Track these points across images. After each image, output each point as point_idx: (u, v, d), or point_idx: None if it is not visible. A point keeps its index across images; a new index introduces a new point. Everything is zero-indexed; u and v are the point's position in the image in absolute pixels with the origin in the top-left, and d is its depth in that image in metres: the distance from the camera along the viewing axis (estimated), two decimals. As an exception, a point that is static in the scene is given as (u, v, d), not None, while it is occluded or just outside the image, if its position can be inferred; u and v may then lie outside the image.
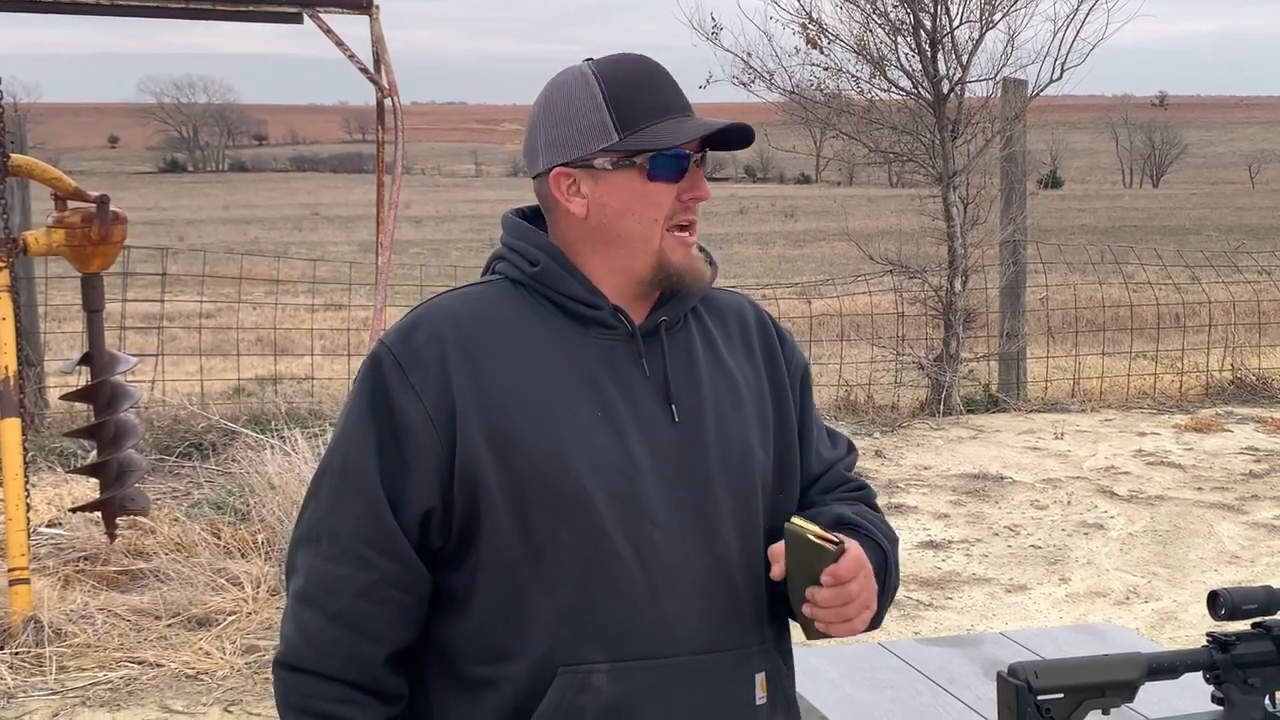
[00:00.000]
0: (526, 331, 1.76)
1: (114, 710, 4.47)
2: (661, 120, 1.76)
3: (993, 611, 5.53)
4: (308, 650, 1.71)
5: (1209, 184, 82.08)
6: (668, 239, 1.78)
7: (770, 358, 1.93)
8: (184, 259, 10.46)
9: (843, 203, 33.03)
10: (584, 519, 1.70)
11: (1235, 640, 1.74)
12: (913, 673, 2.88)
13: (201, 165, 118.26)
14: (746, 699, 1.78)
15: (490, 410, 1.70)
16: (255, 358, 9.98)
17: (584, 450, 1.71)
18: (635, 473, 1.73)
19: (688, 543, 1.75)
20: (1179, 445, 8.32)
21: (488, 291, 1.81)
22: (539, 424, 1.71)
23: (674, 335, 1.83)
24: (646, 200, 1.76)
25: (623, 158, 1.75)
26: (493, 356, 1.73)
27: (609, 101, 1.75)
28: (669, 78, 1.81)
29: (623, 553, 1.70)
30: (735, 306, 1.95)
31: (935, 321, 9.54)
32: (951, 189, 9.26)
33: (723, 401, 1.82)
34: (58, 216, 5.36)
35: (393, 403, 1.72)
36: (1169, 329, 10.93)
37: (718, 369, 1.85)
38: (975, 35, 9.36)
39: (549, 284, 1.78)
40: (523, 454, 1.70)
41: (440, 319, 1.77)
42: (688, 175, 1.78)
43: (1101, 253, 12.60)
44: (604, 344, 1.77)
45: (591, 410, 1.73)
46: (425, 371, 1.72)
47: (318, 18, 5.91)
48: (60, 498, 6.45)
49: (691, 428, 1.78)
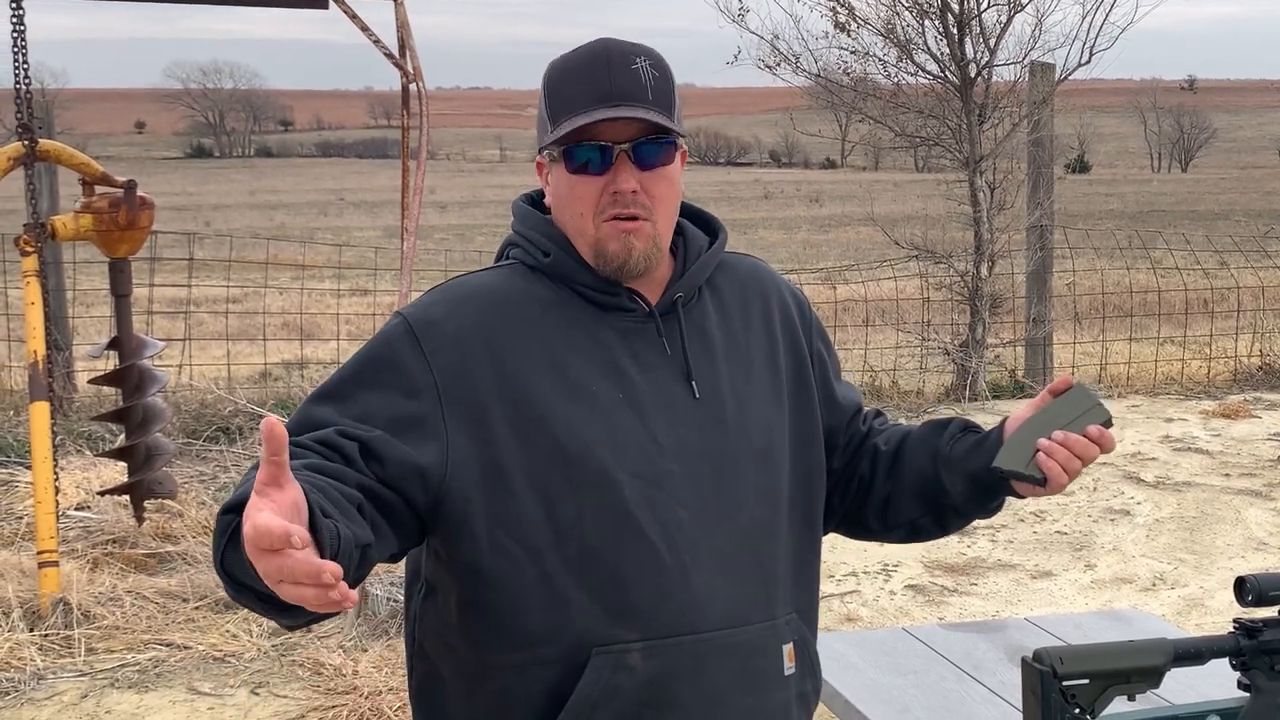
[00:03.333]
0: (546, 315, 1.76)
1: (142, 692, 4.51)
2: (585, 112, 1.72)
3: (1018, 597, 5.52)
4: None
5: (1238, 168, 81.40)
6: (604, 228, 1.76)
7: (787, 325, 1.94)
8: (210, 244, 10.52)
9: (868, 187, 32.94)
10: (608, 500, 1.70)
11: (1262, 626, 1.73)
12: (937, 658, 2.88)
13: (228, 150, 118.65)
14: (776, 669, 1.81)
15: (511, 394, 1.70)
16: (281, 342, 10.03)
17: (607, 432, 1.71)
18: (658, 452, 1.74)
19: (713, 519, 1.76)
20: (1206, 431, 8.28)
21: (507, 275, 1.82)
22: (561, 407, 1.70)
23: (689, 310, 1.83)
24: (572, 193, 1.77)
25: (552, 150, 1.78)
26: (514, 340, 1.73)
27: (546, 93, 1.78)
28: (616, 62, 1.75)
29: (649, 532, 1.71)
30: (755, 279, 1.95)
31: (961, 307, 9.51)
32: (978, 174, 9.21)
33: (737, 374, 1.83)
34: (85, 201, 5.38)
35: (400, 362, 1.71)
36: (1197, 315, 10.86)
37: (731, 341, 1.86)
38: (1003, 19, 9.31)
39: (564, 273, 1.79)
40: (546, 437, 1.69)
41: (461, 298, 1.78)
42: (613, 167, 1.75)
43: (1129, 238, 12.53)
44: (623, 325, 1.78)
45: (613, 392, 1.74)
46: (440, 342, 1.72)
47: (343, 3, 5.91)
48: (89, 481, 6.49)
49: (711, 404, 1.79)
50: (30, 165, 5.23)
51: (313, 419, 1.69)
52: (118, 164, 21.52)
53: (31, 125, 5.18)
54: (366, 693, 4.43)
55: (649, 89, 1.75)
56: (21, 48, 5.13)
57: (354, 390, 1.71)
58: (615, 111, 1.72)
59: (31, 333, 5.09)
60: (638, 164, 1.74)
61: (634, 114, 1.73)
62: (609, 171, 1.75)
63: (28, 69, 5.15)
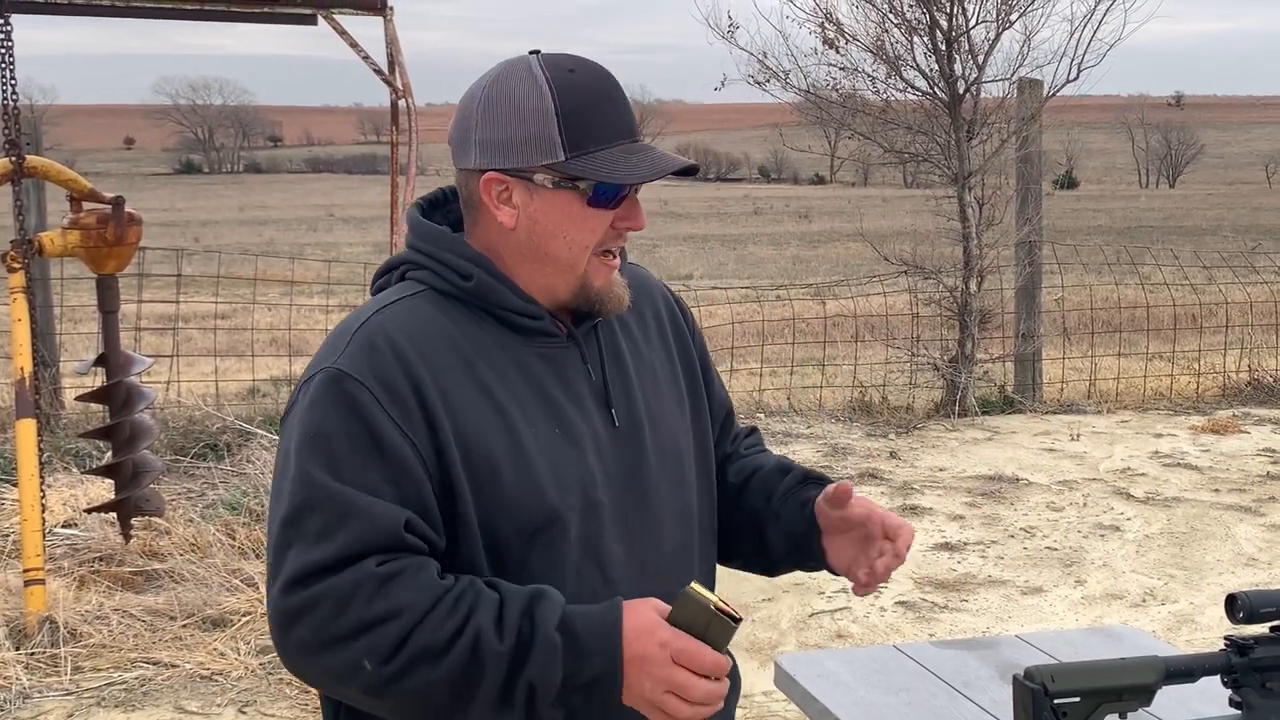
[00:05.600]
0: (477, 351, 1.71)
1: (129, 711, 4.48)
2: (611, 146, 1.70)
3: (1008, 614, 5.51)
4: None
5: (1225, 184, 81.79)
6: (593, 262, 1.74)
7: (679, 337, 1.95)
8: (199, 260, 10.49)
9: (857, 203, 33.00)
10: (553, 540, 1.70)
11: (1253, 644, 1.73)
12: (928, 675, 2.87)
13: (217, 166, 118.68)
14: None
15: (465, 440, 1.66)
16: (270, 358, 10.00)
17: (550, 471, 1.70)
18: (593, 484, 1.74)
19: (640, 548, 1.78)
20: (1196, 447, 8.29)
21: (424, 306, 1.72)
22: (507, 453, 1.68)
23: (602, 330, 1.83)
24: (581, 225, 1.72)
25: (565, 179, 1.70)
26: (456, 384, 1.68)
27: (560, 117, 1.68)
28: (623, 96, 1.75)
29: (585, 569, 1.72)
30: (644, 287, 1.94)
31: (950, 322, 9.51)
32: (967, 189, 9.23)
33: (649, 395, 1.84)
34: (73, 218, 5.37)
35: (381, 438, 1.62)
36: (1185, 330, 10.89)
37: (638, 358, 1.86)
38: (991, 35, 9.34)
39: (485, 298, 1.73)
40: (499, 485, 1.67)
41: (398, 344, 1.67)
42: (625, 203, 1.73)
43: (1117, 253, 12.56)
44: (549, 352, 1.76)
45: (551, 427, 1.72)
46: (405, 406, 1.64)
47: (332, 19, 5.92)
48: (75, 498, 6.46)
49: (630, 429, 1.80)
50: (18, 181, 5.22)
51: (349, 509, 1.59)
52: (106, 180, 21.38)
53: (19, 141, 5.16)
54: (355, 711, 4.41)
55: (636, 119, 1.78)
56: (9, 63, 5.12)
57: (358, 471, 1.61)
58: (651, 155, 1.72)
59: (18, 349, 5.07)
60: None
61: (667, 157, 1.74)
62: (620, 206, 1.73)
63: (15, 85, 5.14)
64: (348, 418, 1.62)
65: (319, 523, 1.59)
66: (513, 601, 1.60)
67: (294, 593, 1.59)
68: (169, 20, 6.21)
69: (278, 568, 1.62)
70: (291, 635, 1.61)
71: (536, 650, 1.57)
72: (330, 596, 1.57)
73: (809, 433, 8.50)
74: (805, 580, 5.75)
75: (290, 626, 1.60)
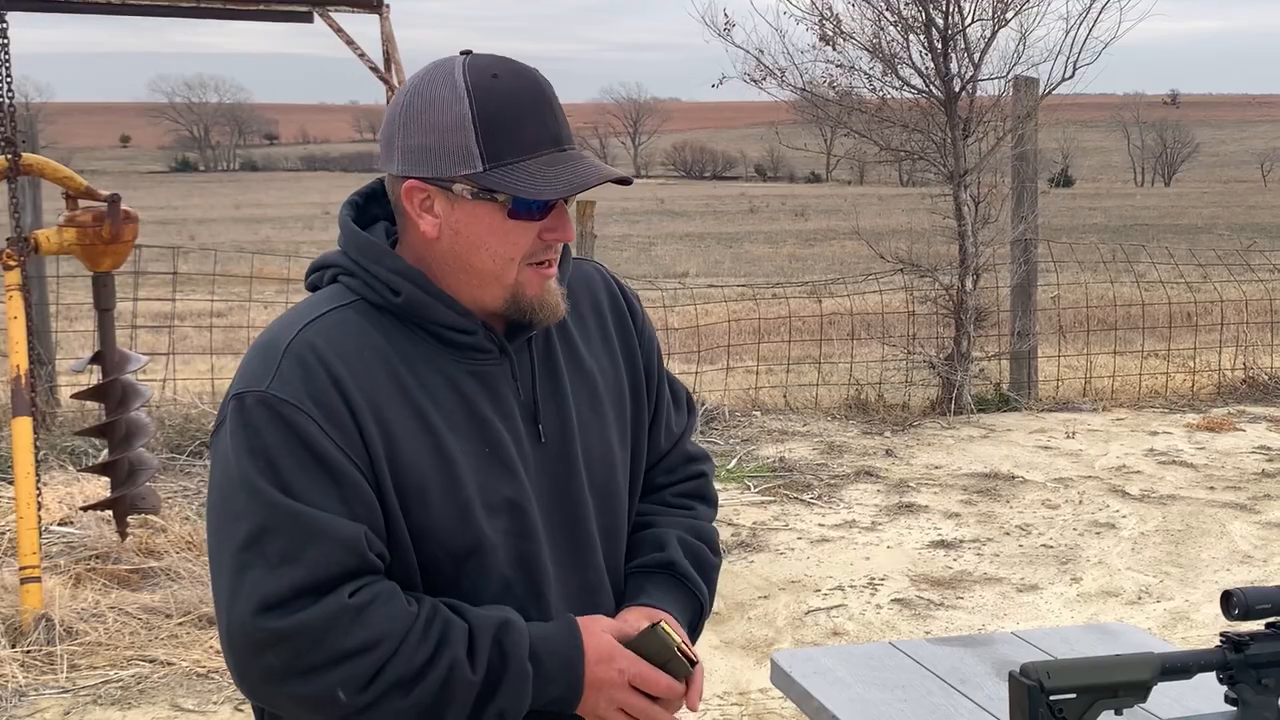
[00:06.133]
0: (409, 368, 1.66)
1: (125, 708, 4.48)
2: (533, 155, 1.63)
3: (1004, 611, 5.52)
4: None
5: (1221, 182, 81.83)
6: (525, 272, 1.68)
7: (624, 338, 1.89)
8: (195, 258, 10.50)
9: (853, 201, 33.02)
10: (483, 562, 1.69)
11: (1249, 640, 1.74)
12: (924, 672, 2.87)
13: (213, 164, 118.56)
14: None
15: (396, 462, 1.64)
16: (266, 356, 9.98)
17: (480, 494, 1.68)
18: (526, 504, 1.72)
19: (569, 565, 1.78)
20: (1191, 444, 8.30)
21: (354, 319, 1.67)
22: (439, 475, 1.65)
23: (537, 342, 1.78)
24: (503, 237, 1.66)
25: (483, 190, 1.63)
26: (389, 404, 1.64)
27: (478, 126, 1.61)
28: (549, 103, 1.66)
29: (519, 591, 1.72)
30: (586, 283, 1.88)
31: (946, 320, 9.52)
32: (963, 188, 9.24)
33: (584, 408, 1.80)
34: (69, 215, 5.36)
35: (325, 458, 1.59)
36: (1181, 328, 10.90)
37: (577, 371, 1.81)
38: (987, 33, 9.34)
39: (417, 313, 1.68)
40: (428, 508, 1.65)
41: (328, 362, 1.62)
42: (552, 214, 1.67)
43: (1113, 251, 12.57)
44: (480, 369, 1.71)
45: (480, 448, 1.69)
46: (343, 427, 1.60)
47: (328, 17, 5.92)
48: (71, 496, 6.45)
49: (560, 445, 1.77)
50: (13, 179, 5.21)
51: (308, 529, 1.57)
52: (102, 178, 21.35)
53: (15, 139, 5.16)
54: (351, 709, 4.41)
55: (568, 125, 1.69)
56: (5, 60, 5.11)
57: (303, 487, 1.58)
58: (578, 166, 1.64)
59: (14, 347, 5.07)
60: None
61: (597, 168, 1.66)
62: (547, 217, 1.67)
63: (11, 82, 5.13)
64: (289, 440, 1.58)
65: (281, 545, 1.56)
66: (482, 631, 1.63)
67: (265, 619, 1.55)
68: (165, 18, 6.20)
69: (236, 591, 1.57)
70: (259, 662, 1.58)
71: (508, 681, 1.62)
72: (307, 627, 1.55)
73: (805, 431, 8.50)
74: (801, 578, 5.76)
75: (259, 654, 1.57)
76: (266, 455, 1.58)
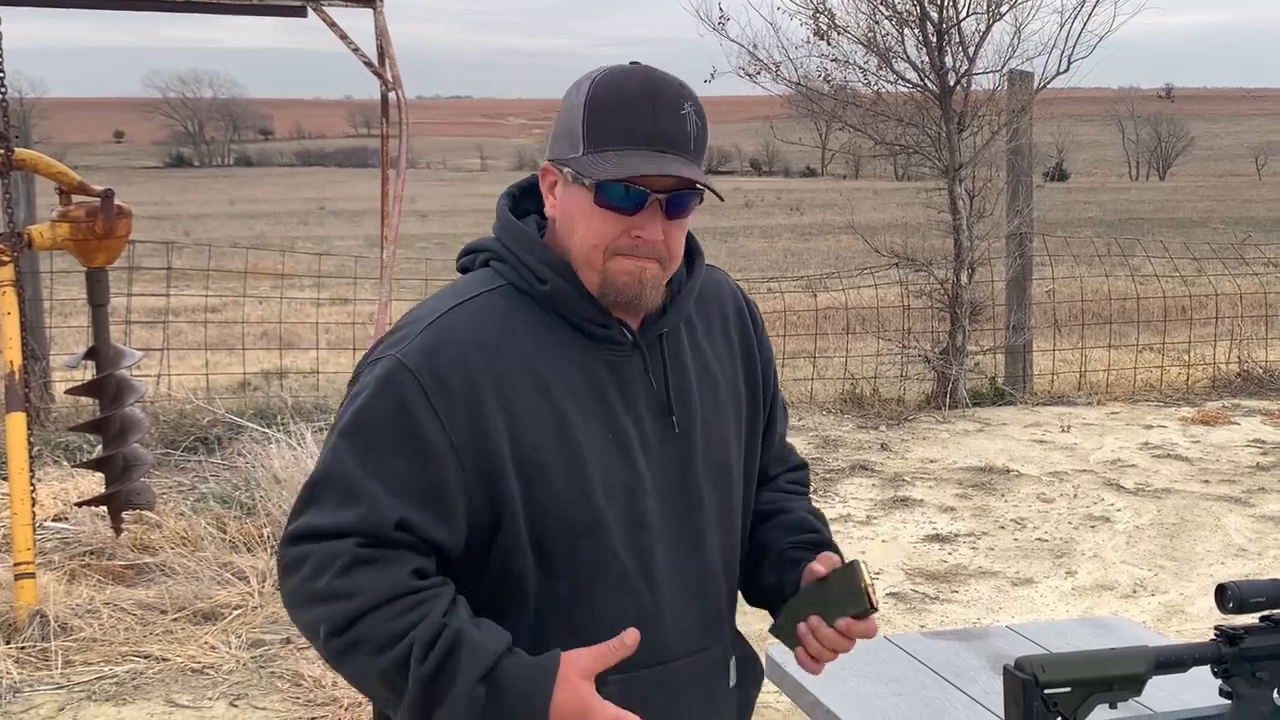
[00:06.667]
0: (542, 350, 1.74)
1: (120, 704, 4.48)
2: (630, 150, 1.69)
3: (999, 605, 5.52)
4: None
5: (1215, 176, 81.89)
6: (616, 260, 1.74)
7: (746, 345, 1.96)
8: (189, 253, 10.48)
9: (849, 196, 32.92)
10: (598, 544, 1.75)
11: (1243, 633, 1.74)
12: (919, 666, 2.87)
13: (207, 160, 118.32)
14: (725, 685, 1.93)
15: (518, 438, 1.70)
16: (260, 352, 9.99)
17: (600, 475, 1.74)
18: (642, 492, 1.77)
19: (681, 554, 1.82)
20: (1186, 438, 8.31)
21: (497, 304, 1.76)
22: (559, 453, 1.72)
23: (669, 340, 1.84)
24: (588, 223, 1.73)
25: (578, 174, 1.72)
26: (517, 382, 1.72)
27: (586, 115, 1.72)
28: (665, 105, 1.72)
29: (631, 574, 1.77)
30: (716, 291, 1.95)
31: (941, 314, 9.52)
32: (958, 182, 9.24)
33: (708, 406, 1.86)
34: (62, 211, 5.35)
35: (417, 427, 1.68)
36: (1175, 322, 10.91)
37: (704, 371, 1.88)
38: (982, 27, 9.34)
39: (558, 304, 1.76)
40: (548, 482, 1.71)
41: (469, 345, 1.72)
42: (643, 212, 1.72)
43: (1108, 245, 12.58)
44: (612, 359, 1.78)
45: (604, 432, 1.75)
46: (452, 399, 1.68)
47: (322, 11, 5.90)
48: (66, 492, 6.45)
49: (686, 439, 1.83)
50: (7, 174, 5.20)
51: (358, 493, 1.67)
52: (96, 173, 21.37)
53: (8, 134, 5.15)
54: (346, 704, 4.41)
55: (691, 139, 1.73)
56: (-2, 56, 5.09)
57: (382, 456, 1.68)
58: (660, 164, 1.69)
59: (8, 343, 5.06)
60: (666, 213, 1.73)
61: (679, 171, 1.70)
62: (637, 215, 1.72)
63: (4, 77, 5.12)
64: (393, 409, 1.68)
65: (329, 497, 1.69)
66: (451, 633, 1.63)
67: (289, 547, 1.70)
68: (159, 12, 6.19)
69: (291, 523, 1.73)
70: (284, 585, 1.72)
71: (453, 693, 1.61)
72: (310, 559, 1.67)
73: (800, 425, 8.50)
74: (797, 572, 5.76)
75: (284, 576, 1.72)
76: (365, 421, 1.69)
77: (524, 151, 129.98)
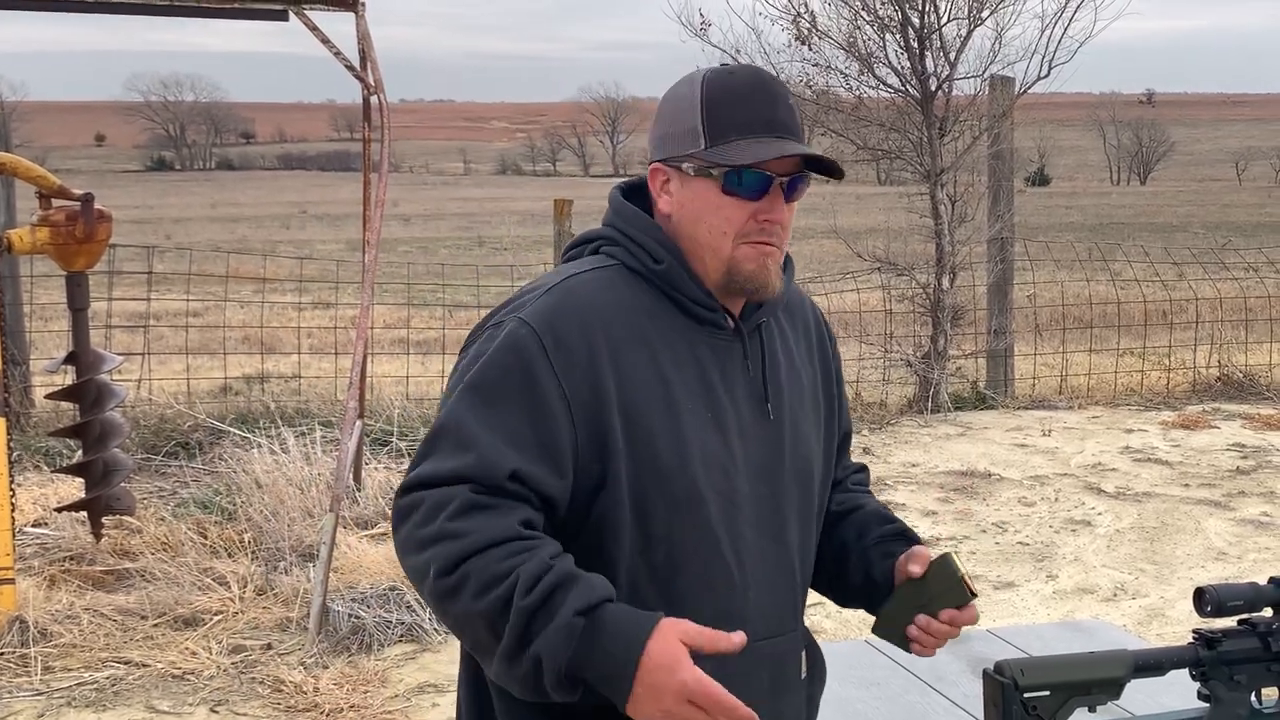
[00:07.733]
0: (654, 325, 1.81)
1: (100, 711, 4.45)
2: (753, 137, 1.79)
3: (980, 608, 5.53)
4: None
5: (1196, 181, 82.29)
6: (742, 249, 1.81)
7: (824, 359, 2.05)
8: (170, 257, 10.44)
9: (831, 200, 33.02)
10: (695, 517, 1.79)
11: (1221, 637, 1.74)
12: (900, 670, 2.88)
13: (189, 163, 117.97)
14: (796, 675, 1.97)
15: (627, 404, 1.76)
16: (242, 356, 9.96)
17: (699, 449, 1.79)
18: (735, 471, 1.83)
19: (768, 538, 1.88)
20: (1166, 442, 8.34)
21: (614, 280, 1.84)
22: (664, 423, 1.78)
23: (766, 331, 1.92)
24: (718, 212, 1.81)
25: (703, 166, 1.80)
26: (630, 349, 1.78)
27: (704, 109, 1.80)
28: (777, 95, 1.83)
29: (725, 550, 1.82)
30: (798, 301, 2.05)
31: (923, 319, 9.55)
32: (939, 186, 9.26)
33: (796, 402, 1.94)
34: (42, 215, 5.33)
35: (535, 383, 1.73)
36: (1156, 326, 10.95)
37: (791, 366, 1.95)
38: (963, 32, 9.37)
39: (671, 283, 1.83)
40: (652, 450, 1.76)
41: (587, 309, 1.78)
42: (768, 196, 1.80)
43: (1089, 250, 12.62)
44: (716, 342, 1.85)
45: (704, 410, 1.81)
46: (571, 359, 1.74)
47: (304, 15, 5.89)
48: (46, 497, 6.42)
49: (777, 428, 1.89)
50: (-14, 178, 5.18)
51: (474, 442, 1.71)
52: (77, 177, 21.23)
53: (-13, 138, 5.12)
54: (327, 710, 4.40)
55: (800, 126, 1.84)
56: (-23, 59, 5.08)
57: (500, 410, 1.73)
58: (785, 147, 1.78)
59: (-13, 347, 5.03)
60: (785, 196, 1.82)
61: (807, 151, 1.80)
62: (763, 199, 1.80)
63: (-17, 81, 5.10)
64: (514, 366, 1.74)
65: (446, 447, 1.73)
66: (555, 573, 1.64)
67: (403, 495, 1.74)
68: (140, 16, 6.17)
69: (408, 475, 1.76)
70: (397, 534, 1.75)
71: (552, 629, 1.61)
72: (425, 505, 1.70)
73: (783, 429, 8.50)
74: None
75: (397, 525, 1.75)
76: (485, 378, 1.74)
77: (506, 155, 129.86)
